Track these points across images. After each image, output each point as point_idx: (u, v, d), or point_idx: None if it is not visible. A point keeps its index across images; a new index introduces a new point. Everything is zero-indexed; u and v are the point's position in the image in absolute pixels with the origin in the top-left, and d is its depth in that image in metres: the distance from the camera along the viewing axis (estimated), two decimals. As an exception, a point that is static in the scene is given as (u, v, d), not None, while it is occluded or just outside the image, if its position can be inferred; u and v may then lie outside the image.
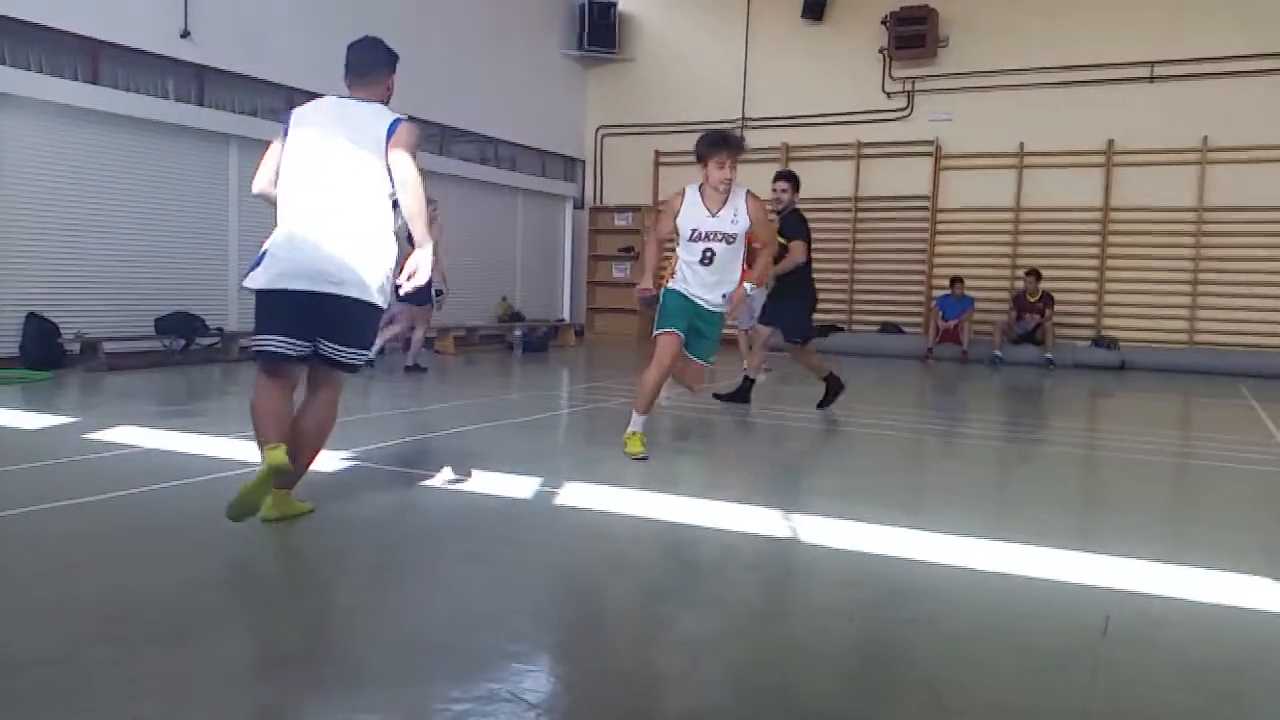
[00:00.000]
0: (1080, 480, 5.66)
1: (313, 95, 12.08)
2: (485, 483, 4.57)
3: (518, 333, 13.84)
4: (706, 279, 5.33)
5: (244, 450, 5.11)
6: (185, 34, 10.04)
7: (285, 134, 3.92)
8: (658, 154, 16.33)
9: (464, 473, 4.76)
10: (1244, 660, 2.67)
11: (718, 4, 15.79)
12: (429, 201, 4.77)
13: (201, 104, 10.39)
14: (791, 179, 7.70)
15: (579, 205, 16.92)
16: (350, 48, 4.13)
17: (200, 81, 10.41)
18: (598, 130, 16.92)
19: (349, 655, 2.52)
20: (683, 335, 5.32)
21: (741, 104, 15.62)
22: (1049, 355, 12.82)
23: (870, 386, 10.54)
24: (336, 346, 3.76)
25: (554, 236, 16.57)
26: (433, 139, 13.49)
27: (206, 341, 10.22)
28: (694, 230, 5.23)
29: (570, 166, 16.87)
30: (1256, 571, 3.45)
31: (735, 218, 5.22)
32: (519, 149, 15.46)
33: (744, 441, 6.70)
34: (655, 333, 5.33)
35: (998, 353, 13.08)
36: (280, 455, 3.53)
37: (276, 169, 3.91)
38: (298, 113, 3.97)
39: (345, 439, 5.51)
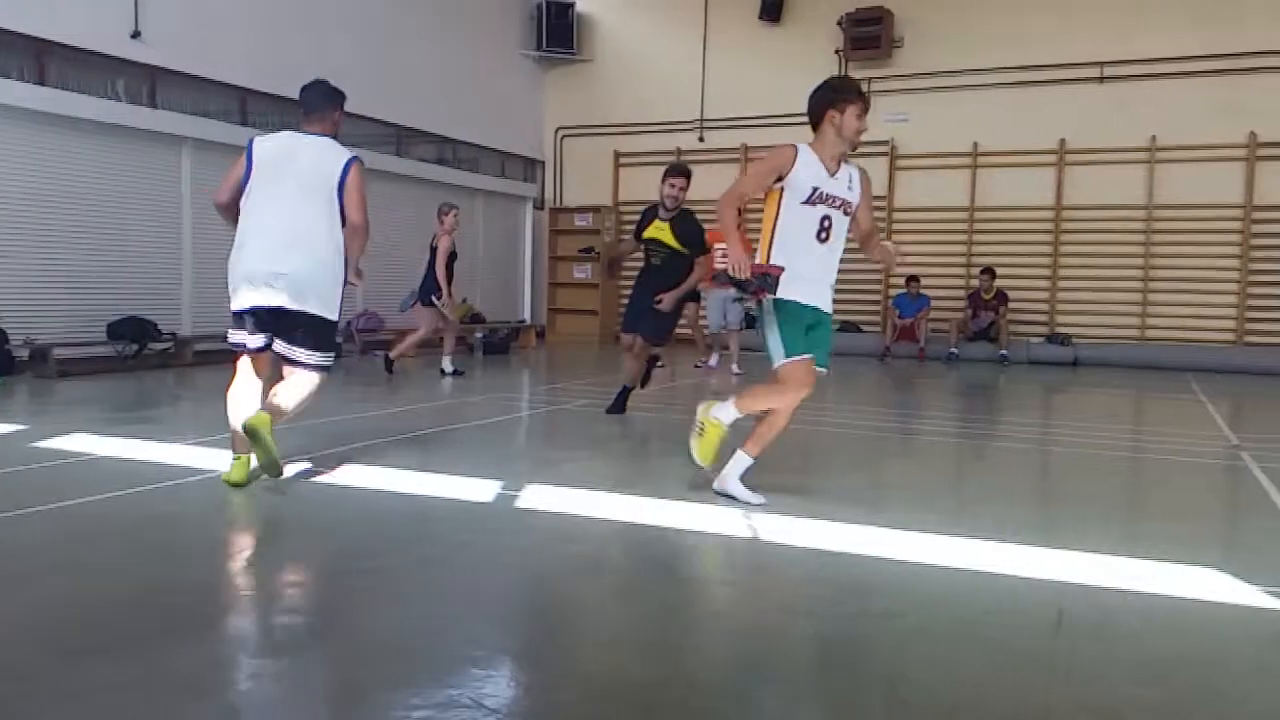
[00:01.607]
0: (1035, 475, 5.74)
1: (267, 97, 11.97)
2: (445, 486, 4.54)
3: (478, 335, 13.77)
4: (821, 263, 4.29)
5: (198, 457, 5.05)
6: (135, 34, 9.88)
7: (248, 158, 4.46)
8: (617, 155, 16.33)
9: (423, 477, 4.73)
10: (1196, 651, 2.73)
11: (675, 5, 15.83)
12: (451, 208, 8.43)
13: (153, 105, 10.22)
14: (690, 175, 6.90)
15: (539, 206, 16.88)
16: (303, 89, 4.70)
17: (152, 82, 10.24)
18: (557, 131, 16.89)
19: (306, 664, 2.50)
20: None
21: (700, 105, 15.67)
22: (1004, 352, 13.00)
23: (830, 385, 10.62)
24: (294, 349, 4.39)
25: (514, 238, 16.51)
26: (390, 140, 13.39)
27: (159, 346, 10.05)
28: (814, 190, 4.17)
29: (530, 167, 16.82)
30: (1208, 564, 3.52)
31: (851, 185, 4.32)
32: (478, 150, 15.39)
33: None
34: (781, 362, 4.23)
35: (954, 350, 13.24)
36: (238, 473, 4.36)
37: (234, 188, 4.47)
38: (258, 145, 4.49)
39: (302, 444, 5.45)
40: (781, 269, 4.14)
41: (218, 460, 4.94)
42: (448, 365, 9.86)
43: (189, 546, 3.55)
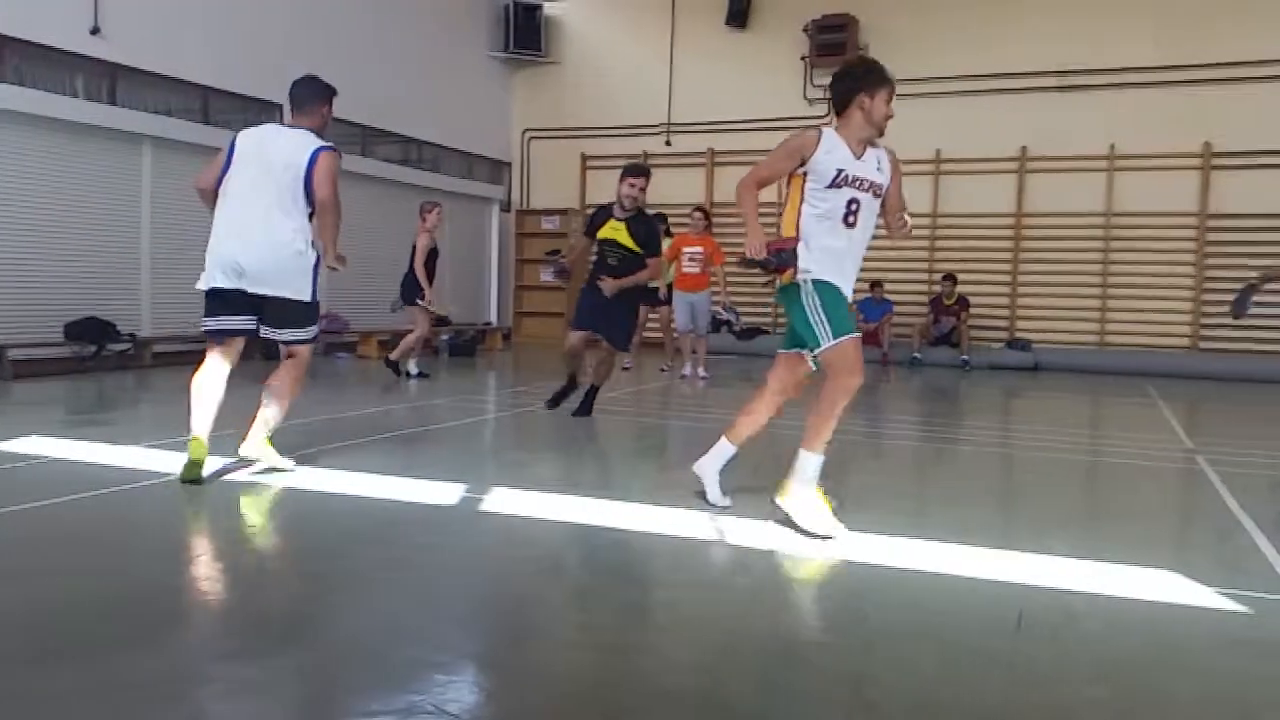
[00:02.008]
0: (996, 478, 5.82)
1: (230, 95, 11.85)
2: (408, 489, 4.52)
3: (444, 337, 13.70)
4: (850, 248, 4.17)
5: (158, 460, 4.98)
6: (95, 30, 9.72)
7: (230, 149, 4.69)
8: (584, 157, 16.33)
9: (386, 480, 4.70)
10: (1148, 651, 2.77)
11: (643, 9, 15.86)
12: (434, 205, 9.16)
13: (113, 103, 10.07)
14: (649, 175, 6.81)
15: (505, 208, 16.83)
16: (293, 83, 4.90)
17: (111, 79, 10.09)
18: (524, 133, 16.85)
19: (263, 670, 2.48)
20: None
21: (668, 109, 15.71)
22: (965, 357, 13.15)
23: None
24: (277, 330, 4.67)
25: (480, 240, 16.45)
26: (354, 139, 13.29)
27: (118, 347, 9.90)
28: (840, 172, 4.03)
29: (497, 169, 16.77)
30: (1163, 565, 3.58)
31: (880, 167, 4.20)
32: (444, 151, 15.32)
33: (670, 444, 6.74)
34: (829, 343, 4.02)
35: (917, 355, 13.37)
36: (198, 451, 4.49)
37: (215, 175, 4.70)
38: (240, 137, 4.73)
39: (265, 447, 5.40)
40: (795, 239, 4.05)
41: (178, 463, 4.87)
42: (412, 368, 9.81)
43: (148, 551, 3.51)
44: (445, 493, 4.47)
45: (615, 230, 6.64)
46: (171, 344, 10.56)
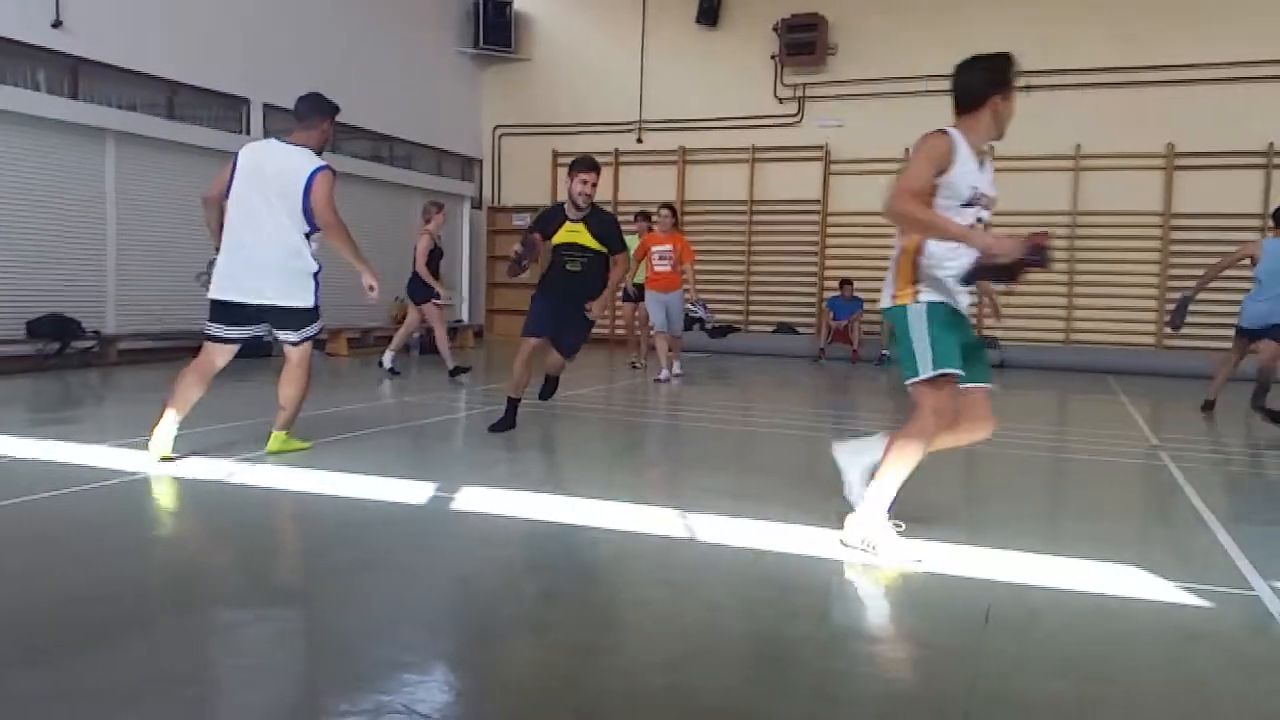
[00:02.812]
0: (962, 475, 5.87)
1: (197, 90, 11.70)
2: (377, 488, 4.50)
3: (414, 334, 13.61)
4: (964, 265, 3.63)
5: (122, 459, 4.92)
6: (57, 23, 9.58)
7: (234, 166, 5.01)
8: (555, 154, 16.30)
9: (355, 479, 4.68)
10: (1115, 646, 2.82)
11: (614, 6, 15.85)
12: (439, 207, 9.52)
13: (75, 97, 9.93)
14: (600, 170, 6.32)
15: (476, 205, 16.76)
16: (298, 99, 5.26)
17: (74, 73, 9.95)
18: (495, 130, 16.79)
19: (231, 672, 2.46)
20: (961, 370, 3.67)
21: (639, 106, 15.71)
22: (933, 355, 13.23)
23: (766, 385, 10.74)
24: (282, 332, 5.13)
25: (451, 237, 16.34)
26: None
27: (82, 345, 9.77)
28: (973, 191, 3.67)
29: (467, 166, 16.70)
30: (1127, 561, 3.64)
31: (991, 177, 3.87)
32: (414, 147, 15.23)
33: (641, 442, 6.75)
34: (928, 374, 3.58)
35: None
36: (160, 448, 4.83)
37: (220, 189, 5.04)
38: (243, 154, 5.06)
39: (231, 445, 5.35)
40: (1046, 233, 3.54)
41: (143, 462, 4.83)
42: (388, 360, 9.89)
43: (113, 551, 3.47)
44: (415, 492, 4.45)
45: (573, 233, 6.14)
46: (137, 342, 10.44)
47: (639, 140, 15.79)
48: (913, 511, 4.52)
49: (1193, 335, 12.99)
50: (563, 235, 6.16)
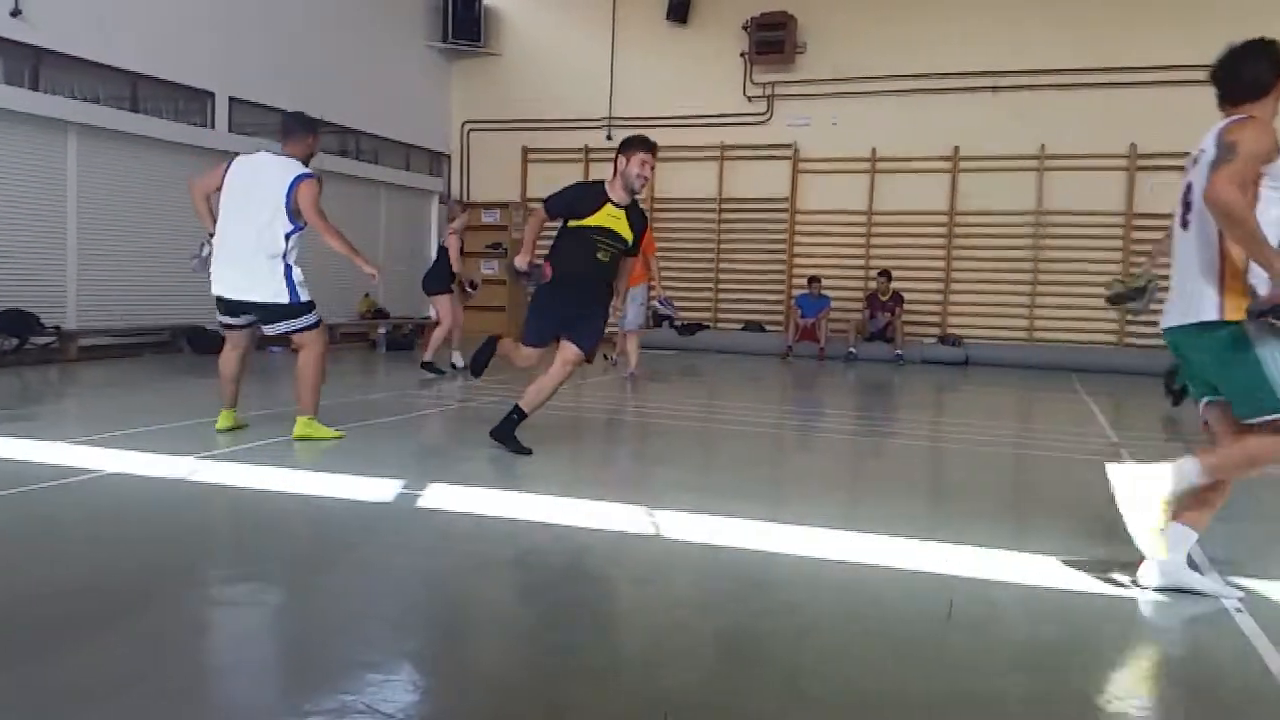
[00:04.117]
0: (927, 471, 5.94)
1: (161, 83, 11.55)
2: (343, 486, 4.47)
3: (382, 330, 13.56)
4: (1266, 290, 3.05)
5: (83, 456, 4.86)
6: (16, 12, 9.40)
7: (226, 168, 5.55)
8: (526, 150, 16.25)
9: (320, 476, 4.65)
10: (1071, 641, 2.86)
11: (584, 2, 15.81)
12: (462, 205, 9.34)
13: (36, 89, 9.76)
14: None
15: (445, 200, 16.66)
16: (284, 115, 5.85)
17: (35, 64, 9.78)
18: (464, 125, 16.71)
19: (193, 672, 2.44)
20: None
21: (609, 103, 15.69)
22: (899, 352, 13.38)
23: (734, 383, 10.78)
24: (275, 326, 5.60)
25: (419, 232, 16.28)
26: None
27: (42, 341, 9.62)
28: None
29: (436, 161, 16.60)
30: (1089, 556, 3.70)
31: None
32: (382, 141, 15.12)
33: (608, 439, 6.76)
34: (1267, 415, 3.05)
35: (852, 350, 13.57)
36: (224, 421, 5.74)
37: (206, 185, 5.66)
38: (234, 164, 5.56)
39: (192, 443, 5.31)
40: None
41: (104, 459, 4.78)
42: (458, 360, 10.08)
43: (71, 550, 3.43)
44: (381, 489, 4.43)
45: (615, 218, 5.37)
46: (98, 338, 10.30)
47: (609, 137, 15.76)
48: (877, 508, 4.57)
49: (1155, 334, 13.23)
50: (601, 218, 5.36)
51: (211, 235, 5.60)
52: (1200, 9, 12.86)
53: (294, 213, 5.41)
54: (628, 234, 5.44)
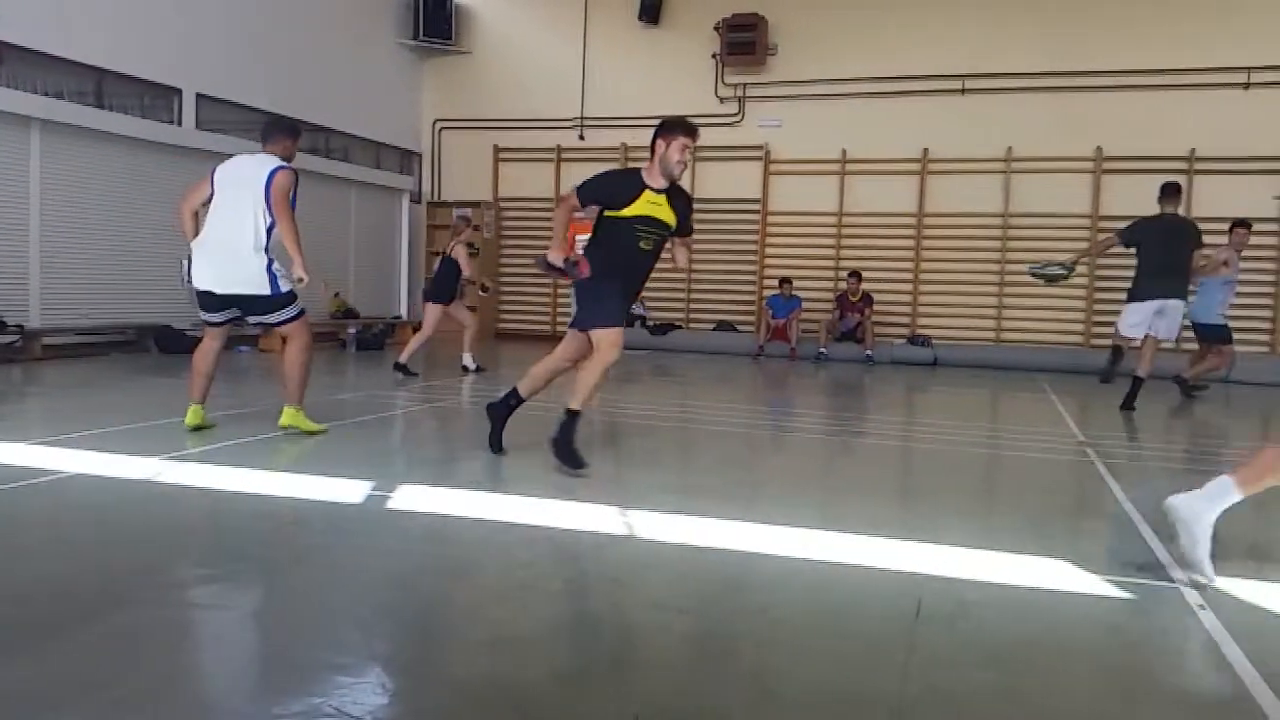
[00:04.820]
0: (898, 471, 5.98)
1: (126, 79, 11.44)
2: (311, 487, 4.43)
3: (351, 330, 13.46)
4: None
5: (45, 457, 4.79)
6: (-23, 6, 9.27)
7: (212, 173, 5.71)
8: (497, 149, 16.20)
9: (288, 478, 4.60)
10: (1039, 637, 2.89)
11: (556, 2, 15.79)
12: (466, 221, 10.09)
13: (-3, 83, 9.62)
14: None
15: (416, 199, 16.58)
16: (265, 121, 6.15)
17: (-4, 58, 9.63)
18: (435, 123, 16.63)
19: (157, 676, 2.40)
20: None
21: (581, 102, 15.68)
22: (869, 353, 13.47)
23: (706, 383, 10.80)
24: (259, 318, 5.78)
25: (390, 231, 16.18)
26: (257, 126, 12.91)
27: (5, 340, 9.47)
28: None
29: (407, 159, 16.51)
30: (1055, 554, 3.73)
31: None
32: (351, 139, 15.02)
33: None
34: None
35: (823, 350, 13.64)
36: (194, 417, 5.73)
37: (194, 200, 5.75)
38: (219, 169, 5.72)
39: (159, 443, 5.24)
40: None
41: (65, 460, 4.71)
42: (469, 362, 10.21)
43: (32, 552, 3.37)
44: (350, 490, 4.40)
45: (657, 206, 5.13)
46: (63, 336, 10.15)
47: (581, 137, 15.77)
48: (847, 507, 4.59)
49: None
50: (642, 206, 5.11)
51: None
52: (1164, 15, 13.05)
53: (270, 203, 5.57)
54: (671, 218, 5.19)
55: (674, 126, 5.13)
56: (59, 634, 2.64)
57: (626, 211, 5.07)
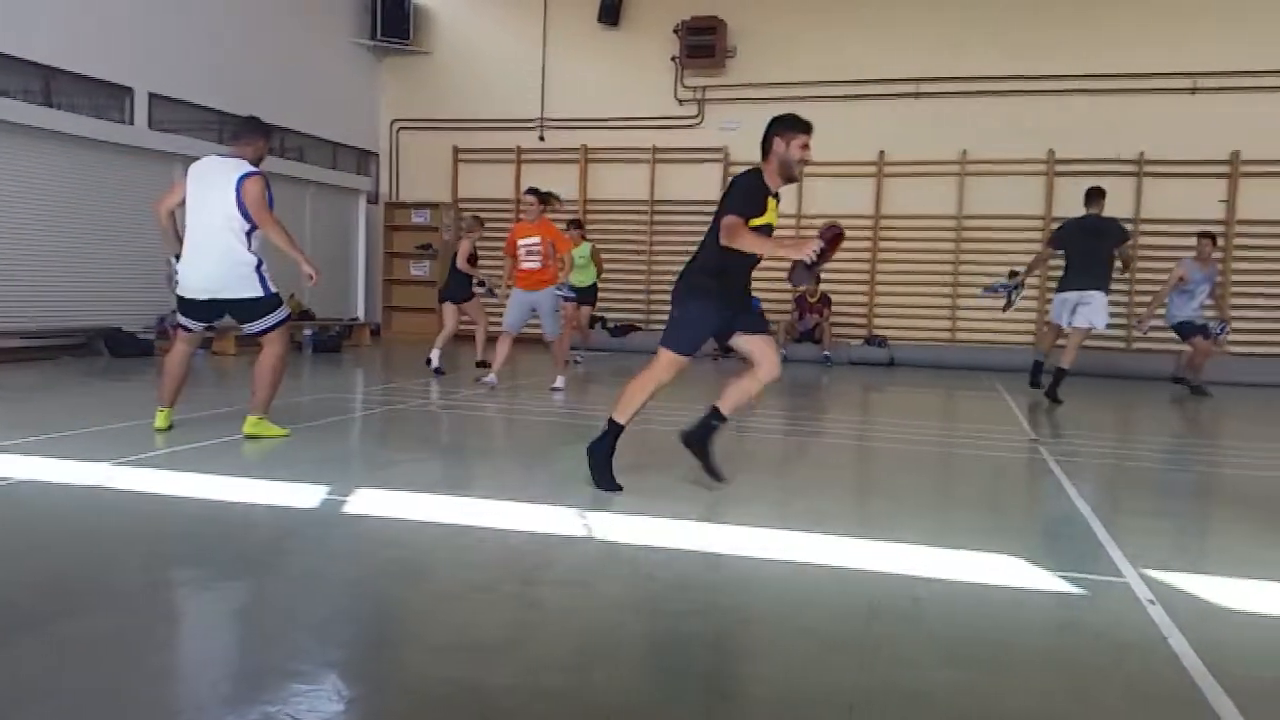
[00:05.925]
0: (854, 470, 6.03)
1: (76, 77, 11.28)
2: (266, 492, 4.38)
3: (307, 332, 13.31)
4: None
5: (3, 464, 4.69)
6: (-81, 2, 9.04)
7: (186, 175, 5.71)
8: (456, 150, 16.11)
9: (243, 482, 4.55)
10: (996, 633, 2.93)
11: (515, 2, 15.74)
12: (478, 221, 10.52)
13: (-60, 80, 9.40)
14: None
15: (373, 200, 16.44)
16: (239, 122, 6.05)
17: (-62, 55, 9.41)
18: (393, 124, 16.49)
19: (108, 683, 2.37)
20: None
21: (540, 104, 15.64)
22: (827, 353, 13.59)
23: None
24: (245, 324, 5.76)
25: (347, 232, 16.02)
26: (212, 126, 12.76)
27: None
28: None
29: (364, 160, 16.36)
30: (1010, 551, 3.79)
31: None
32: (307, 139, 14.85)
33: (539, 441, 6.73)
34: None
35: (782, 350, 13.72)
36: (161, 421, 5.77)
37: (170, 203, 5.75)
38: (191, 169, 5.72)
39: (105, 447, 5.15)
40: None
41: (13, 467, 4.61)
42: (435, 358, 10.09)
43: (-20, 562, 3.29)
44: (306, 495, 4.35)
45: (773, 211, 4.92)
46: (9, 340, 9.93)
47: (541, 138, 15.73)
48: (805, 506, 4.62)
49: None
50: (769, 215, 4.90)
51: (178, 256, 5.68)
52: (1116, 21, 13.31)
53: (246, 211, 5.55)
54: (776, 221, 4.98)
55: (793, 124, 4.82)
56: (3, 642, 2.59)
57: (757, 221, 4.74)
